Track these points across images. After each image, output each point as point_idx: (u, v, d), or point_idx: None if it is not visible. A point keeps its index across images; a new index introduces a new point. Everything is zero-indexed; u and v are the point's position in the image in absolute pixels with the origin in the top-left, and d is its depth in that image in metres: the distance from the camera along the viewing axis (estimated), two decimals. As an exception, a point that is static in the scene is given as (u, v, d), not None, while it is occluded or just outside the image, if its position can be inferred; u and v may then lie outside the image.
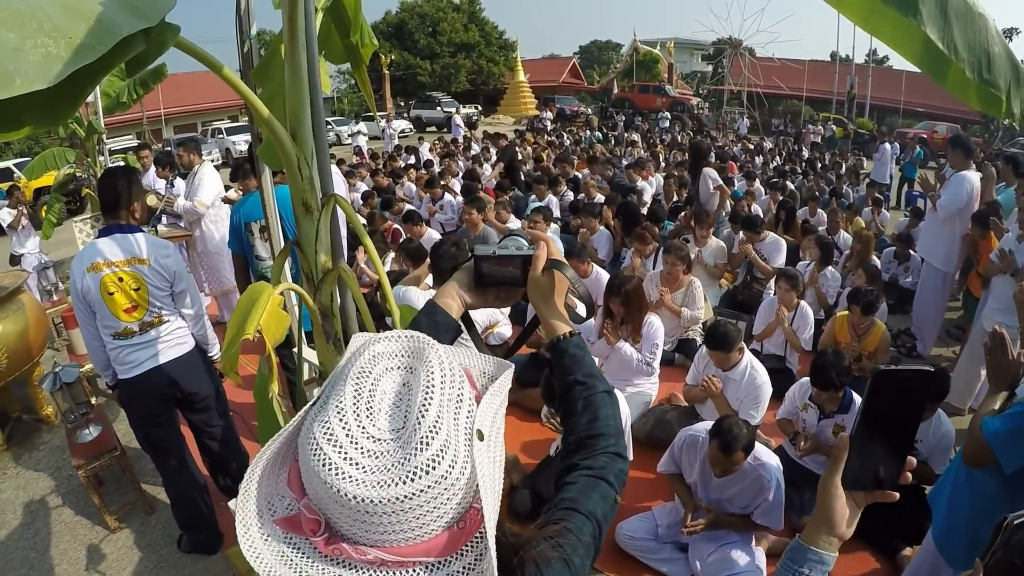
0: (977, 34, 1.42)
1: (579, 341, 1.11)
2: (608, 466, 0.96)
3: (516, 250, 1.12)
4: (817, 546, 0.95)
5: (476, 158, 14.10)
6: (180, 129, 29.42)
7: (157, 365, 3.06)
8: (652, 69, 39.29)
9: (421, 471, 0.63)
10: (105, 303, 2.90)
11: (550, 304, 1.12)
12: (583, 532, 0.86)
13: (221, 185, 6.07)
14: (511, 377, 0.80)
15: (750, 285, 6.49)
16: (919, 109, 30.94)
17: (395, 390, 0.69)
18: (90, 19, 0.98)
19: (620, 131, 25.35)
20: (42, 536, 3.62)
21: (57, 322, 5.73)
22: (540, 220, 6.48)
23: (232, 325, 1.40)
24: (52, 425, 4.72)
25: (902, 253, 7.06)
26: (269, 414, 1.68)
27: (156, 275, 2.98)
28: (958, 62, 1.39)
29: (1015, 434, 1.96)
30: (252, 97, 1.36)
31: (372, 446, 0.64)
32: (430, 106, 33.08)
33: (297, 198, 1.53)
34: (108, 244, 2.91)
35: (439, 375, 0.69)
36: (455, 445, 0.66)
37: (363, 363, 0.70)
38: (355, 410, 0.65)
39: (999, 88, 1.44)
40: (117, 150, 13.04)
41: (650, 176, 10.91)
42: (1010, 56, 1.48)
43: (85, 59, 0.94)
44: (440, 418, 0.66)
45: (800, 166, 15.59)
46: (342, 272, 1.59)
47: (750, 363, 3.83)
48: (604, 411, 1.03)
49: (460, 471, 0.66)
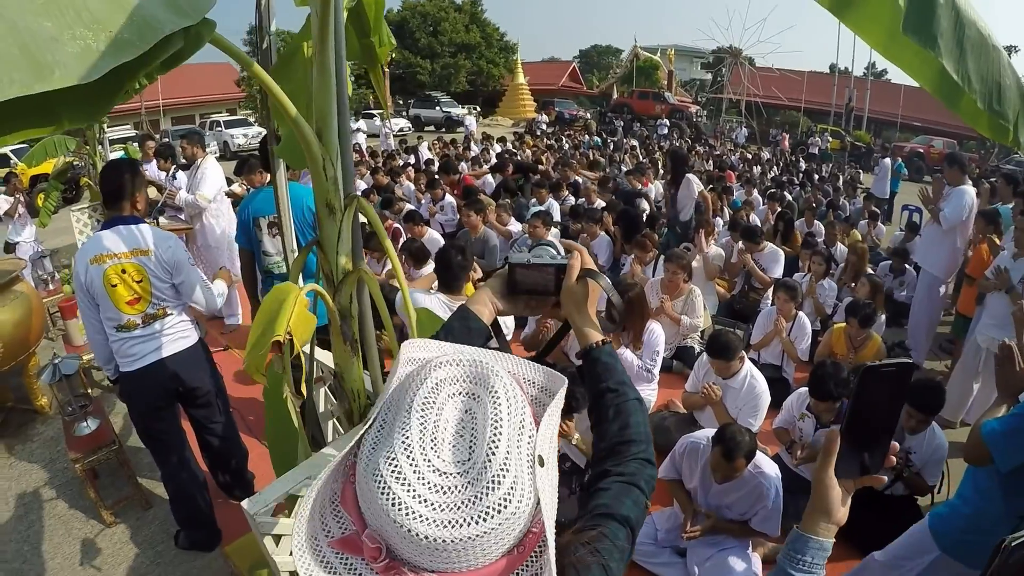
0: (990, 66, 1.50)
1: (610, 349, 1.13)
2: (639, 472, 0.99)
3: (550, 259, 1.13)
4: (816, 534, 0.98)
5: (476, 159, 14.08)
6: (178, 121, 29.32)
7: (160, 359, 3.05)
8: (652, 76, 39.40)
9: (493, 511, 0.64)
10: (108, 295, 2.89)
11: (583, 313, 1.14)
12: (618, 538, 0.88)
13: (224, 179, 6.05)
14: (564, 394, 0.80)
15: (747, 295, 6.52)
16: (916, 123, 31.17)
17: (457, 418, 0.69)
18: (130, 12, 0.96)
19: (619, 137, 25.39)
20: (36, 529, 3.58)
21: (53, 311, 5.70)
22: (540, 225, 6.47)
23: (257, 324, 1.40)
24: (46, 416, 4.68)
25: (898, 267, 7.11)
26: (282, 414, 1.68)
27: (159, 267, 2.98)
28: (971, 93, 1.47)
29: (1009, 435, 2.09)
30: (282, 96, 1.36)
31: (439, 480, 0.64)
32: (429, 105, 33.11)
33: (321, 198, 1.53)
34: (111, 236, 2.90)
35: (506, 405, 0.69)
36: (521, 478, 0.67)
37: (427, 392, 0.69)
38: (421, 444, 0.65)
39: (1007, 119, 1.54)
40: (115, 140, 12.99)
41: (649, 183, 10.94)
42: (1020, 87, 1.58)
43: (126, 55, 0.92)
44: (509, 453, 0.66)
45: (798, 177, 15.67)
46: (363, 274, 1.59)
47: (750, 372, 3.86)
48: (635, 418, 1.05)
49: (526, 503, 0.67)
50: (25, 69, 0.82)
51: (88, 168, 7.49)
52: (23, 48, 0.83)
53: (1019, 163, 20.22)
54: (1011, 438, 2.08)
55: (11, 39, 0.82)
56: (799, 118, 35.23)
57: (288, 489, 1.69)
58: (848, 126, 28.91)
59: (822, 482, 0.98)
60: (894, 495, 3.46)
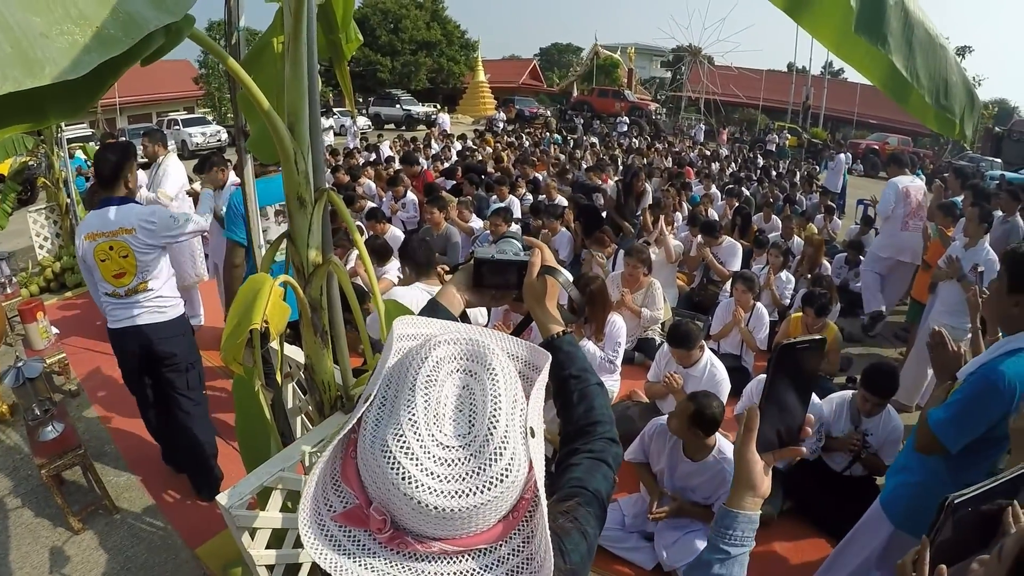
0: (937, 63, 1.58)
1: (571, 339, 1.21)
2: (607, 449, 1.07)
3: (513, 255, 1.21)
4: (744, 508, 1.01)
5: (437, 157, 14.07)
6: (135, 119, 28.63)
7: (135, 325, 3.40)
8: (612, 73, 39.64)
9: (497, 480, 0.69)
10: (98, 268, 3.29)
11: (543, 306, 1.21)
12: (592, 507, 0.96)
13: (185, 177, 5.97)
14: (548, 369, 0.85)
15: (706, 287, 6.70)
16: (872, 121, 31.94)
17: (456, 395, 0.73)
18: (115, 8, 0.98)
19: (580, 134, 25.56)
20: (2, 540, 3.47)
21: (11, 315, 5.57)
22: (501, 222, 6.53)
23: (233, 315, 1.43)
24: (7, 423, 4.57)
25: (852, 259, 7.36)
26: (252, 410, 1.70)
27: (142, 243, 3.30)
28: (919, 88, 1.54)
29: (954, 420, 2.18)
30: (255, 89, 1.39)
31: (443, 454, 0.68)
32: (389, 103, 32.75)
33: (292, 192, 1.56)
34: (102, 215, 3.26)
35: (503, 382, 0.74)
36: (519, 450, 0.71)
37: (428, 370, 0.73)
38: (426, 420, 0.69)
39: (954, 113, 1.62)
40: (73, 139, 12.64)
41: (608, 180, 11.05)
42: (966, 83, 1.66)
43: (112, 51, 0.94)
44: (509, 427, 0.71)
45: (755, 173, 15.96)
46: (332, 266, 1.64)
47: (710, 360, 3.98)
48: (598, 401, 1.14)
49: (523, 472, 0.72)
50: (18, 65, 0.84)
51: (45, 168, 7.33)
52: (15, 44, 0.85)
53: (972, 159, 20.94)
54: (957, 423, 2.18)
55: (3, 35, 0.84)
56: (757, 116, 35.83)
57: (263, 481, 1.71)
58: (805, 124, 29.50)
59: (744, 458, 1.01)
60: (853, 475, 3.60)
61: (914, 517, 2.38)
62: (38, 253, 7.51)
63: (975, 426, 2.15)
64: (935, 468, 2.31)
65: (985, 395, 2.12)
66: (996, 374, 2.11)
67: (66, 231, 7.52)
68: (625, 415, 4.30)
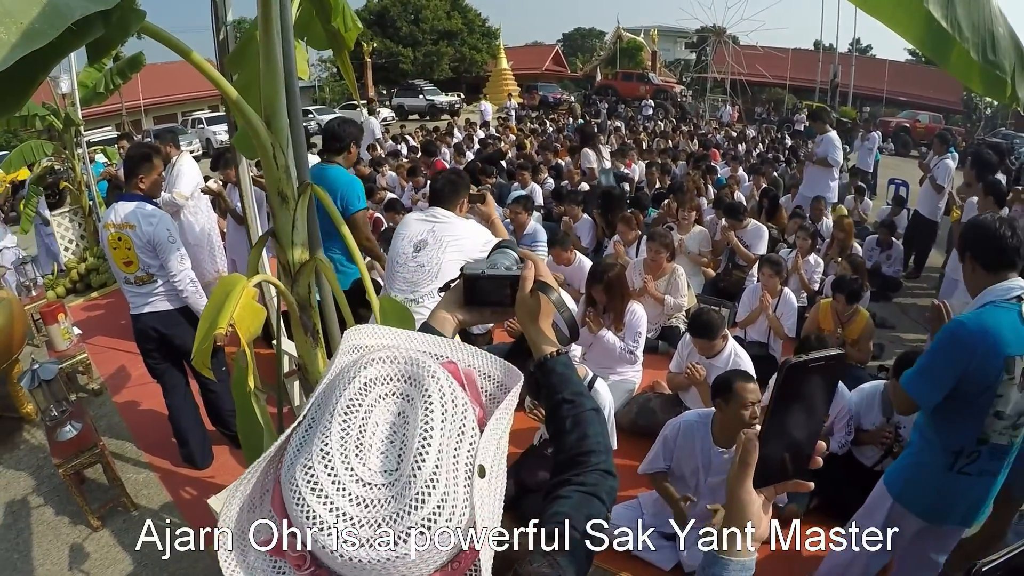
0: (981, 13, 1.37)
1: (566, 360, 1.10)
2: (600, 483, 0.96)
3: (505, 269, 1.10)
4: (739, 556, 0.87)
5: (459, 146, 13.99)
6: (160, 119, 29.08)
7: (144, 312, 3.68)
8: (635, 57, 39.22)
9: (416, 531, 0.59)
10: (112, 255, 3.58)
11: (536, 325, 1.11)
12: (577, 549, 0.84)
13: (200, 176, 5.98)
14: (519, 393, 0.76)
15: (731, 272, 6.51)
16: (902, 98, 31.07)
17: (389, 421, 0.64)
18: (42, 2, 0.93)
19: (603, 119, 25.31)
20: (24, 537, 3.57)
21: (36, 318, 5.63)
22: (521, 211, 6.43)
23: (204, 318, 1.37)
24: (33, 423, 4.64)
25: (885, 241, 7.10)
26: (248, 410, 1.65)
27: (139, 240, 3.49)
28: (962, 42, 1.34)
29: (921, 373, 2.28)
30: (221, 80, 1.33)
31: (361, 492, 0.59)
32: (412, 94, 32.78)
33: (273, 187, 1.50)
34: (116, 208, 3.53)
35: (439, 410, 0.64)
36: (454, 493, 0.62)
37: (353, 393, 0.64)
38: (343, 452, 0.61)
39: (1004, 70, 1.39)
40: (96, 142, 12.84)
41: (633, 164, 10.90)
42: (1014, 38, 1.43)
43: (34, 44, 0.89)
44: (439, 465, 0.61)
45: (783, 154, 15.62)
46: (319, 263, 1.57)
47: (734, 350, 3.85)
48: (593, 428, 1.02)
49: (458, 520, 0.62)
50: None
51: (68, 172, 7.42)
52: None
53: (1005, 135, 20.19)
54: (925, 377, 2.25)
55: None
56: (784, 95, 35.12)
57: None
58: (834, 102, 28.84)
59: (738, 496, 0.87)
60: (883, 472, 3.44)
61: (910, 487, 2.43)
62: (63, 256, 7.60)
63: (943, 378, 2.21)
64: (928, 437, 2.37)
65: (948, 346, 2.20)
66: (957, 324, 2.21)
67: (90, 233, 7.62)
68: (647, 407, 4.19)
